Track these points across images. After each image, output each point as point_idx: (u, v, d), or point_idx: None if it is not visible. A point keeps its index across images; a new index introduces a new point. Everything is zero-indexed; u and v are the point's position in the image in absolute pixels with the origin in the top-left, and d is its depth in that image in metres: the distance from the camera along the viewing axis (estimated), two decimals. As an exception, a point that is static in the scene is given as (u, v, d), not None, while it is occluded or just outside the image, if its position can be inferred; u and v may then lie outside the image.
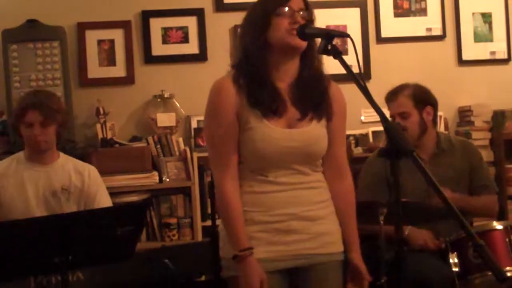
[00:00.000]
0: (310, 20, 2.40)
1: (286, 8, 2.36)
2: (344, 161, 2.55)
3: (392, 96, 3.62)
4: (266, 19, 2.37)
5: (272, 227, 2.37)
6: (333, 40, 2.14)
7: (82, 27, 4.65)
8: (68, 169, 3.40)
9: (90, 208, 3.37)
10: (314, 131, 2.41)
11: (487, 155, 4.72)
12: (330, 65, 2.51)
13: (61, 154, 3.48)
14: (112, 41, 4.69)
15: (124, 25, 4.70)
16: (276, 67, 2.40)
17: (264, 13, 2.39)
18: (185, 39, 4.76)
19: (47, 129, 3.29)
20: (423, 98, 3.60)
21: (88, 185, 3.41)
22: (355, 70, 2.06)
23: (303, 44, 2.37)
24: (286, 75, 2.42)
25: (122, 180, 4.28)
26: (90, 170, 3.47)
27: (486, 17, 5.12)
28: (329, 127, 2.46)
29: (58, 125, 3.33)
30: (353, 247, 2.50)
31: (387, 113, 3.52)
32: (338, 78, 3.48)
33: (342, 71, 2.08)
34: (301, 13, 2.37)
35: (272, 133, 2.34)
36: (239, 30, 2.55)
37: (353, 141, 4.72)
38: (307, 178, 2.43)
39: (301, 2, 2.41)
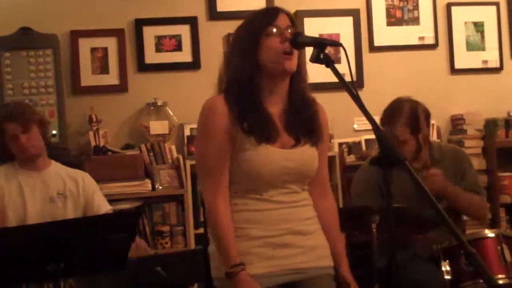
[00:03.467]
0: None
1: (274, 29, 2.33)
2: (328, 181, 2.58)
3: (388, 122, 3.49)
4: (255, 40, 2.35)
5: (269, 241, 2.36)
6: (325, 49, 2.15)
7: (75, 35, 4.65)
8: (61, 175, 3.43)
9: (90, 211, 3.40)
10: (309, 151, 2.41)
11: (479, 163, 4.73)
12: (323, 74, 2.51)
13: (53, 162, 3.49)
14: (105, 49, 4.69)
15: (118, 33, 4.70)
16: (269, 90, 2.38)
17: (252, 34, 2.36)
18: (178, 47, 4.77)
19: (30, 134, 3.30)
20: (417, 123, 3.50)
21: (83, 188, 3.43)
22: (348, 78, 2.07)
23: (294, 67, 2.34)
24: (278, 98, 2.40)
25: (115, 187, 4.28)
26: (83, 175, 3.51)
27: (478, 26, 5.14)
28: (318, 149, 2.46)
29: (38, 125, 3.35)
30: (342, 261, 2.50)
31: (379, 121, 3.49)
32: (330, 86, 3.52)
33: (335, 79, 2.09)
34: (289, 30, 2.34)
35: (269, 153, 2.33)
36: (226, 53, 2.49)
37: (345, 149, 4.73)
38: (298, 196, 2.43)
39: (287, 19, 2.38)
